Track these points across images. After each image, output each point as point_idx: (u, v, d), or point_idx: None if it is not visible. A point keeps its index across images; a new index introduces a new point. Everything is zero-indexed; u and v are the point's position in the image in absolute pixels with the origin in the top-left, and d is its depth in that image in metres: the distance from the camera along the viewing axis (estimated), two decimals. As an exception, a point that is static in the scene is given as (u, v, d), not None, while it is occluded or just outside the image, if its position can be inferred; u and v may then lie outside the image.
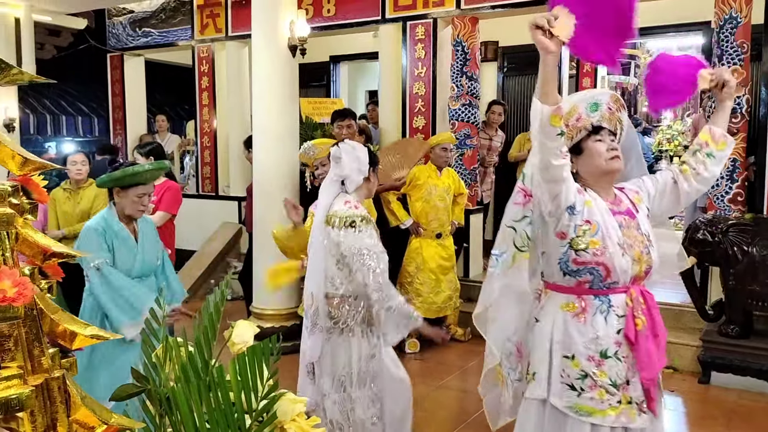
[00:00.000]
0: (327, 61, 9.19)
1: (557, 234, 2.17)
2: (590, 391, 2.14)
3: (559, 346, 2.18)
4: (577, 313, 2.18)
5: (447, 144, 5.38)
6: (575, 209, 2.14)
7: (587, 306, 2.17)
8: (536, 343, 2.26)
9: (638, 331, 2.13)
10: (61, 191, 5.10)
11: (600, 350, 2.14)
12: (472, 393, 3.92)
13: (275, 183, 5.13)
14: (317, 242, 2.81)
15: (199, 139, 8.02)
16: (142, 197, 3.17)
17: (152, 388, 1.31)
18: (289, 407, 1.23)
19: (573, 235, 2.14)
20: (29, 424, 1.14)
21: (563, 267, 2.17)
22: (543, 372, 2.21)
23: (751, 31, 4.77)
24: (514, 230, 2.37)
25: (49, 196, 5.20)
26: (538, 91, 1.96)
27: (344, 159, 2.86)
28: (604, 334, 2.14)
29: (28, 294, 1.10)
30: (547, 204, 2.14)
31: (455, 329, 5.56)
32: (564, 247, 2.15)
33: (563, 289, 2.22)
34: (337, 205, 2.82)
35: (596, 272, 2.13)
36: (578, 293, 2.19)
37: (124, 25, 8.32)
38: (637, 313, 2.15)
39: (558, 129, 1.95)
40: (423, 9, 6.06)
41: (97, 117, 10.73)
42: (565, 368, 2.17)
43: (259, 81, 5.18)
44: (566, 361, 2.17)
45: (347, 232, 2.75)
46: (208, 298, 1.39)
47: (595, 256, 2.12)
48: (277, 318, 5.17)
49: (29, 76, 1.16)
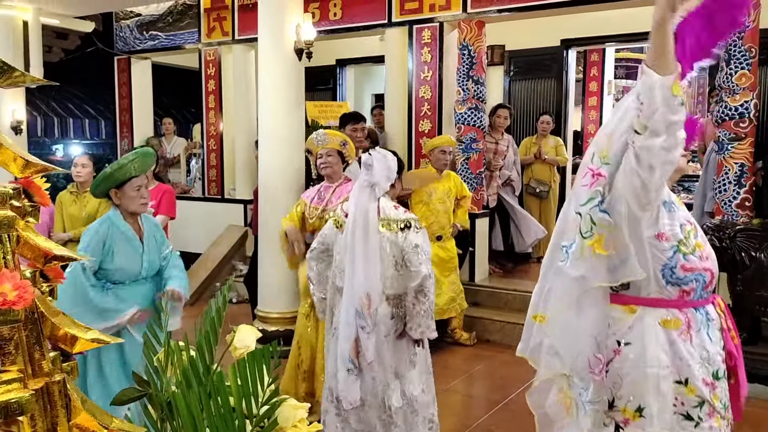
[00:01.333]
0: (333, 64, 9.19)
1: (658, 235, 1.92)
2: (708, 419, 1.91)
3: (669, 371, 1.91)
4: (682, 331, 1.93)
5: (445, 147, 5.37)
6: (673, 205, 1.93)
7: (691, 321, 1.94)
8: (632, 371, 1.94)
9: (736, 345, 1.97)
10: (68, 194, 5.11)
11: (712, 371, 1.92)
12: (477, 398, 3.90)
13: (281, 185, 5.13)
14: (362, 246, 2.85)
15: (205, 142, 8.03)
16: (139, 189, 3.11)
17: (153, 393, 1.31)
18: (290, 413, 1.22)
19: (681, 236, 1.91)
20: (29, 428, 1.13)
21: (667, 275, 1.92)
22: (654, 405, 1.91)
23: (759, 36, 4.75)
24: (580, 215, 1.99)
25: (56, 198, 5.24)
26: (655, 63, 1.75)
27: (376, 167, 2.96)
28: (713, 351, 1.93)
29: (29, 297, 1.09)
30: (641, 195, 1.85)
31: (460, 333, 5.54)
32: (670, 251, 1.91)
33: (662, 303, 1.94)
34: (389, 211, 3.01)
35: (702, 279, 1.92)
36: (680, 306, 1.94)
37: (132, 29, 8.35)
38: (729, 324, 1.99)
39: (680, 98, 1.75)
40: (429, 13, 6.05)
41: (104, 120, 10.78)
42: (679, 396, 1.91)
43: (266, 84, 5.18)
44: (679, 388, 1.91)
45: (407, 232, 2.95)
46: (211, 302, 1.38)
47: (702, 261, 1.92)
48: (282, 321, 5.16)
49: (32, 79, 1.16)
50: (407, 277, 2.94)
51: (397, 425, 2.97)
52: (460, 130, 6.02)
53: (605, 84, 9.01)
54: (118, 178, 3.05)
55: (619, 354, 1.96)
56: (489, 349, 5.42)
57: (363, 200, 2.92)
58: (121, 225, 3.10)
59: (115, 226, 3.09)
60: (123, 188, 3.08)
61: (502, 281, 6.35)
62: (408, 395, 2.99)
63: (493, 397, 4.34)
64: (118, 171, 3.04)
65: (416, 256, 2.91)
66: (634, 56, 10.15)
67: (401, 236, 2.95)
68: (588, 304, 1.98)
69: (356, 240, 2.87)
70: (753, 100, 4.73)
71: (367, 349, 2.84)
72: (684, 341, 1.92)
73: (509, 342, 5.54)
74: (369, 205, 2.91)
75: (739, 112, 4.73)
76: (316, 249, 3.24)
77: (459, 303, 5.40)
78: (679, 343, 1.91)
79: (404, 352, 3.01)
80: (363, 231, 2.86)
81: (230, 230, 7.67)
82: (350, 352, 2.85)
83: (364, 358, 2.85)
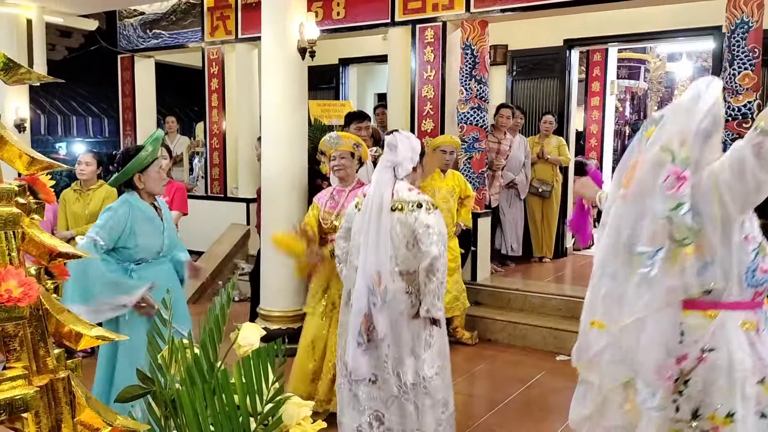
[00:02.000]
0: (336, 63, 9.19)
1: (745, 238, 1.91)
2: None
3: (751, 373, 1.91)
4: (757, 331, 1.94)
5: (447, 147, 5.37)
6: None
7: (760, 321, 1.95)
8: (719, 377, 1.92)
9: None
10: (71, 192, 5.12)
11: None
12: (478, 397, 3.90)
13: (284, 184, 5.14)
14: (375, 227, 2.93)
15: (208, 141, 8.04)
16: (160, 170, 3.30)
17: (158, 390, 1.31)
18: (294, 411, 1.22)
19: (761, 239, 1.92)
20: (34, 425, 1.14)
21: (749, 278, 1.91)
22: (741, 409, 1.90)
23: (762, 36, 4.74)
24: (671, 221, 1.89)
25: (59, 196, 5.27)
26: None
27: (400, 147, 3.01)
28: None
29: (34, 294, 1.09)
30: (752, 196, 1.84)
31: (462, 333, 5.54)
32: (752, 253, 1.91)
33: (740, 306, 1.94)
34: (402, 193, 3.00)
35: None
36: (753, 308, 1.95)
37: (135, 27, 8.36)
38: None
39: None
40: (432, 12, 6.05)
41: (107, 118, 10.78)
42: (759, 395, 1.92)
43: (269, 83, 5.18)
44: (759, 388, 1.92)
45: (419, 212, 2.95)
46: (215, 299, 1.38)
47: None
48: (284, 320, 5.16)
49: (37, 75, 1.16)
50: (419, 256, 2.96)
51: (411, 402, 2.99)
52: (463, 129, 6.02)
53: (608, 84, 8.99)
54: (147, 161, 3.18)
55: (705, 362, 1.92)
56: (490, 349, 5.42)
57: (382, 181, 2.99)
58: (141, 205, 3.21)
59: (135, 207, 3.18)
60: (147, 171, 3.21)
61: (504, 281, 6.35)
62: (421, 375, 3.00)
63: (494, 397, 4.34)
64: (151, 155, 3.19)
65: (427, 236, 2.91)
66: (636, 56, 10.14)
67: (412, 217, 2.95)
68: (663, 311, 1.94)
69: (370, 220, 2.93)
70: (756, 101, 4.72)
71: (378, 324, 2.89)
72: (757, 341, 1.93)
73: (511, 341, 5.54)
74: (386, 186, 2.97)
75: (742, 112, 4.72)
76: (342, 228, 3.33)
77: (462, 302, 5.40)
78: (757, 344, 1.92)
79: (421, 330, 3.03)
80: (377, 211, 2.93)
81: (232, 229, 7.67)
82: (361, 326, 2.90)
83: (375, 333, 2.89)
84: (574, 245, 8.18)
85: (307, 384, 3.93)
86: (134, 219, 3.15)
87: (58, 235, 4.97)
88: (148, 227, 3.20)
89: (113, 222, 3.10)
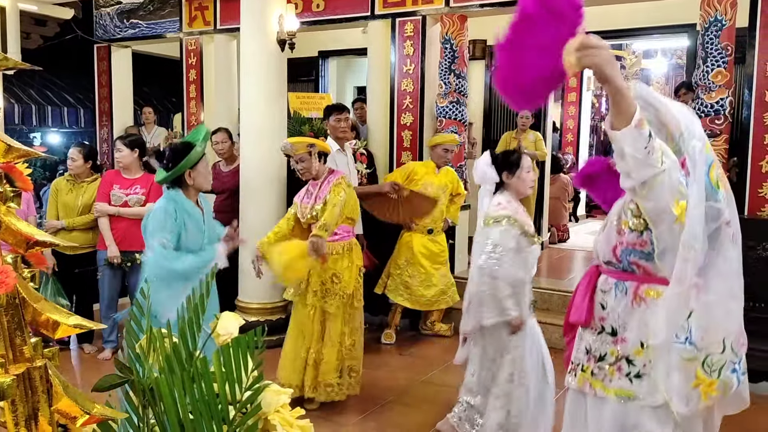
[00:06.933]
0: (316, 56, 9.16)
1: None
2: None
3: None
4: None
5: (449, 145, 5.45)
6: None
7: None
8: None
9: None
10: (65, 182, 5.04)
11: None
12: (455, 387, 3.94)
13: (262, 177, 5.12)
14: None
15: (185, 132, 7.97)
16: (207, 165, 3.36)
17: (136, 379, 1.31)
18: (273, 398, 1.24)
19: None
20: (10, 413, 1.14)
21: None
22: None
23: (735, 34, 4.82)
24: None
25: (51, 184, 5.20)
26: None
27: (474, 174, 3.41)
28: None
29: (11, 282, 1.09)
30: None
31: (439, 326, 5.60)
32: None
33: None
34: (489, 207, 3.32)
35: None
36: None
37: (112, 16, 8.24)
38: None
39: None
40: (412, 6, 6.06)
41: (83, 108, 10.60)
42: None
43: (248, 75, 5.16)
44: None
45: (490, 228, 3.23)
46: (193, 288, 1.39)
47: None
48: (262, 312, 5.16)
49: (14, 63, 1.15)
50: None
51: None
52: (442, 123, 6.05)
53: (585, 80, 9.09)
54: (195, 158, 3.21)
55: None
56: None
57: (484, 199, 3.40)
58: (186, 204, 3.24)
59: (180, 205, 3.21)
60: (197, 167, 3.24)
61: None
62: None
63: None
64: (200, 153, 3.22)
65: (483, 247, 3.23)
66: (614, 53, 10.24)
67: (485, 230, 3.26)
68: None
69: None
70: (728, 98, 4.81)
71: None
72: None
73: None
74: (484, 203, 3.38)
75: (714, 109, 4.81)
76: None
77: (450, 296, 5.44)
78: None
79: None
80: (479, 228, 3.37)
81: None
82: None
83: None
84: (550, 239, 8.28)
85: (300, 372, 4.00)
86: (181, 215, 3.20)
87: (47, 225, 4.91)
88: (191, 224, 3.24)
89: (170, 221, 3.15)
